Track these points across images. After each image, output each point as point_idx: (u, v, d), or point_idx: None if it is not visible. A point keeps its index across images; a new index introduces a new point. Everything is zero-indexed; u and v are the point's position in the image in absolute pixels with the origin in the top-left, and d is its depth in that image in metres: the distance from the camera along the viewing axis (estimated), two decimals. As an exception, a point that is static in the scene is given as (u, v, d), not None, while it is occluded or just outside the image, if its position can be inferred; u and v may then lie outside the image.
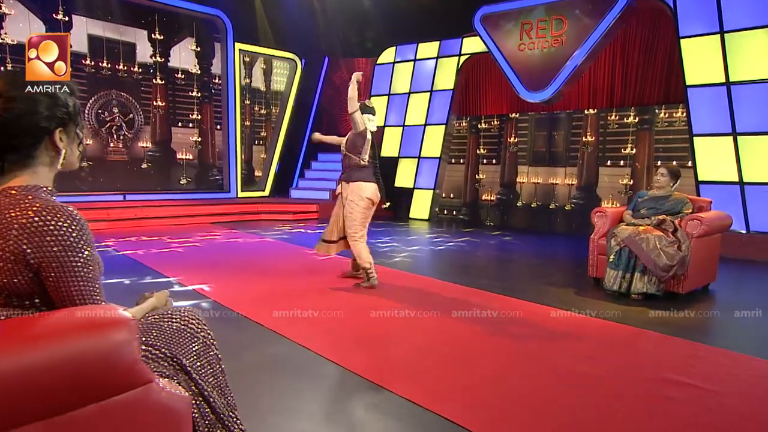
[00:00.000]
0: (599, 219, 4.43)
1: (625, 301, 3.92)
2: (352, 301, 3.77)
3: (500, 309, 3.65)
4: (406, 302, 3.76)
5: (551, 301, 3.87)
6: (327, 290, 4.07)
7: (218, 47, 9.56)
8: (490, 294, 4.08)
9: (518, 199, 8.83)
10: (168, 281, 4.28)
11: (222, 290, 3.97)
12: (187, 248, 5.89)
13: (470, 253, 6.04)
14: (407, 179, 9.66)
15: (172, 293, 3.32)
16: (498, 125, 9.09)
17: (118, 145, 8.58)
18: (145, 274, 4.50)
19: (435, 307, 3.63)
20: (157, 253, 5.54)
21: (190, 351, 1.43)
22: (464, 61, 9.08)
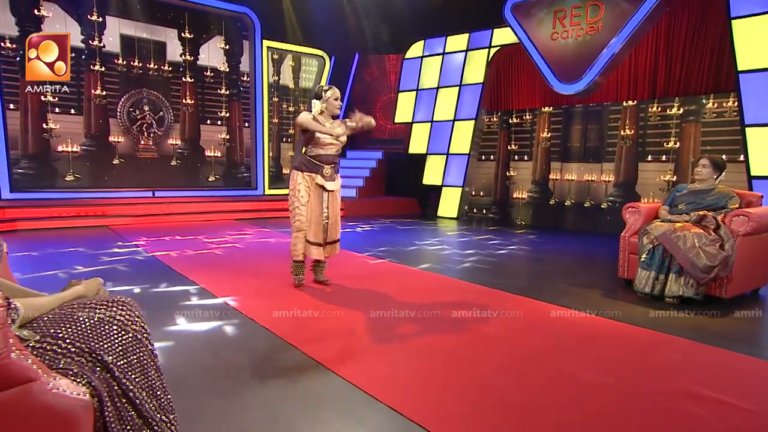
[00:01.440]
0: (631, 215, 4.06)
1: (657, 305, 3.55)
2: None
3: (512, 310, 3.37)
4: (418, 302, 3.54)
5: (572, 303, 3.55)
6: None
7: (247, 45, 9.60)
8: (505, 294, 3.79)
9: (551, 197, 8.40)
10: (195, 290, 3.70)
11: (260, 306, 3.31)
12: (225, 249, 5.45)
13: (496, 251, 5.73)
14: (435, 176, 9.40)
15: (199, 307, 3.20)
16: (530, 120, 8.69)
17: (148, 142, 8.73)
18: (169, 281, 3.94)
19: (444, 306, 3.40)
20: (193, 255, 5.06)
21: (113, 346, 1.27)
22: (494, 54, 8.73)
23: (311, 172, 3.72)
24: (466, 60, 9.07)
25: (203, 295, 3.62)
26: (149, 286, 3.81)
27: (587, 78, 7.12)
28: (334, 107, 3.77)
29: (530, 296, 3.72)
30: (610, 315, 3.30)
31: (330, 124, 3.73)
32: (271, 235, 6.58)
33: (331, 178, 3.75)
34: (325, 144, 3.70)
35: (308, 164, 3.73)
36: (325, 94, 3.77)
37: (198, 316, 3.12)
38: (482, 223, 8.69)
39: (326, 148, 3.72)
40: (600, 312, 3.35)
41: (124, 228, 6.84)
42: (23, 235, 6.11)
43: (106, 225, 6.97)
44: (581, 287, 4.09)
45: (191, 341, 2.72)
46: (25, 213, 6.55)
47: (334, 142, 3.73)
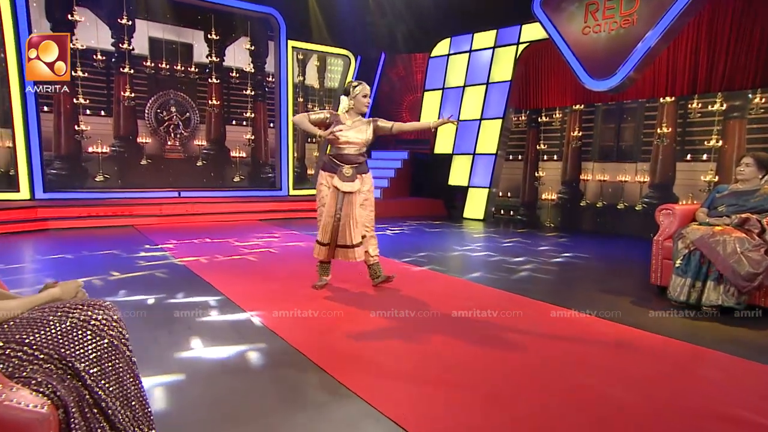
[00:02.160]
0: (665, 217, 3.82)
1: (694, 315, 3.31)
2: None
3: (531, 317, 3.20)
4: (436, 307, 3.40)
5: (598, 311, 3.34)
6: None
7: (272, 46, 9.65)
8: (526, 299, 3.61)
9: (582, 199, 8.09)
10: (220, 302, 3.36)
11: (295, 324, 2.94)
12: (259, 255, 5.14)
13: (520, 254, 5.52)
14: (461, 177, 9.22)
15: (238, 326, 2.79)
16: (560, 118, 8.41)
17: (175, 143, 8.88)
18: (197, 291, 3.59)
19: (461, 312, 3.25)
20: (225, 262, 4.73)
21: (86, 352, 1.20)
22: (523, 50, 8.49)
23: (331, 171, 3.62)
24: (494, 57, 8.85)
25: (229, 308, 3.32)
26: (170, 297, 3.67)
27: (621, 74, 6.82)
28: (361, 104, 3.63)
29: (552, 302, 3.53)
30: (641, 324, 3.09)
31: (352, 122, 3.61)
32: (301, 238, 6.41)
33: (350, 179, 3.56)
34: (342, 143, 3.58)
35: (329, 164, 3.64)
36: (354, 90, 3.63)
37: (221, 336, 2.79)
38: (510, 225, 8.46)
39: (344, 147, 3.60)
40: (630, 321, 3.14)
41: (150, 228, 6.94)
42: (54, 234, 6.27)
43: (132, 225, 7.10)
44: (610, 294, 3.87)
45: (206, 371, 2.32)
46: (55, 213, 6.74)
47: (352, 141, 3.60)
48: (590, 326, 3.07)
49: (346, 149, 3.59)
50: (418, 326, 2.98)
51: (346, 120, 3.61)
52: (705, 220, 3.65)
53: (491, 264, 5.04)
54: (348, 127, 3.58)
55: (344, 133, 3.56)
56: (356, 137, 3.60)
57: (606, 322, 3.14)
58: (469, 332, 2.91)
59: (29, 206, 6.64)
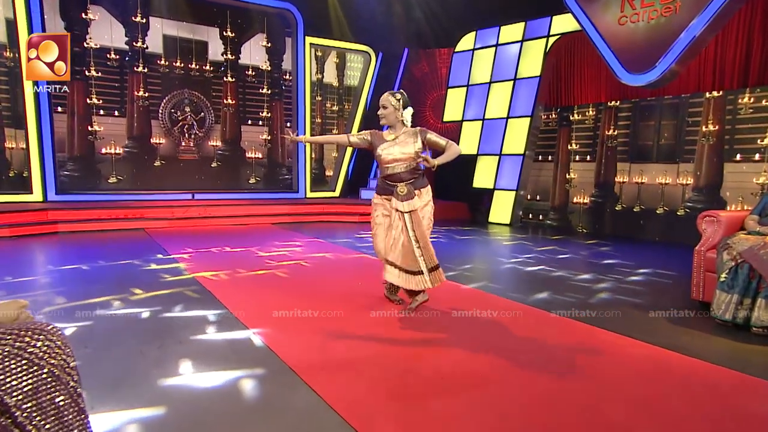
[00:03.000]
0: (708, 225, 3.51)
1: (741, 337, 3.00)
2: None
3: (553, 334, 2.96)
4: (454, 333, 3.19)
5: (630, 329, 3.07)
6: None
7: (289, 42, 9.61)
8: (546, 314, 3.36)
9: (617, 202, 7.73)
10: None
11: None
12: (289, 269, 4.59)
13: (539, 262, 5.25)
14: (487, 179, 8.96)
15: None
16: (594, 116, 8.06)
17: (189, 144, 8.92)
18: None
19: (471, 331, 3.04)
20: (250, 279, 4.19)
21: (20, 384, 1.07)
22: (553, 44, 8.19)
23: (385, 194, 3.36)
24: (522, 51, 8.57)
25: (231, 324, 3.29)
26: (167, 311, 3.65)
27: (661, 67, 6.45)
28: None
29: (574, 317, 3.27)
30: (679, 346, 2.81)
31: (395, 137, 3.33)
32: (326, 247, 5.94)
33: (408, 197, 3.25)
34: (389, 162, 3.30)
35: (382, 186, 3.38)
36: (401, 100, 3.39)
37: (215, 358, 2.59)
38: (538, 231, 8.15)
39: (392, 165, 3.30)
40: (665, 342, 2.86)
41: (162, 232, 6.91)
42: (64, 238, 6.32)
43: (144, 228, 7.11)
44: (644, 309, 3.58)
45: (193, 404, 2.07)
46: (65, 215, 6.81)
47: (399, 158, 3.28)
48: (618, 347, 2.81)
49: (395, 167, 3.30)
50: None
51: (389, 136, 3.36)
52: (755, 228, 3.33)
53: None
54: (390, 143, 3.32)
55: (388, 151, 3.30)
56: (402, 152, 3.29)
57: (637, 342, 2.88)
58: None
59: (39, 209, 6.72)
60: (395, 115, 3.34)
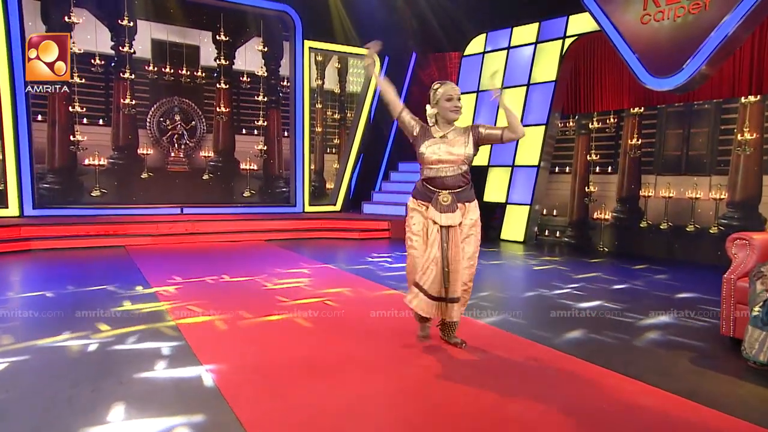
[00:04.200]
0: (740, 249, 3.14)
1: (786, 387, 2.63)
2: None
3: (550, 376, 2.60)
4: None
5: (645, 371, 2.70)
6: None
7: (287, 47, 9.45)
8: (545, 349, 3.01)
9: (642, 219, 7.33)
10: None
11: None
12: (315, 313, 3.79)
13: (545, 284, 4.89)
14: (498, 192, 8.62)
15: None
16: (615, 123, 7.71)
17: (179, 154, 8.75)
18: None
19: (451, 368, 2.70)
20: (261, 331, 3.35)
21: None
22: (570, 45, 7.88)
23: (423, 200, 3.02)
24: (536, 54, 8.27)
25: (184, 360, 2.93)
26: (119, 343, 3.41)
27: (689, 69, 6.10)
28: (447, 110, 2.99)
29: (585, 358, 2.91)
30: (701, 395, 2.43)
31: (443, 135, 3.00)
32: (342, 278, 5.14)
33: (450, 208, 2.93)
34: (433, 162, 2.97)
35: (421, 190, 3.04)
36: (435, 93, 3.04)
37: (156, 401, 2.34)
38: (555, 249, 7.78)
39: (436, 167, 2.97)
40: (685, 388, 2.49)
41: (145, 250, 6.67)
42: (37, 256, 6.12)
43: (125, 245, 6.90)
44: (666, 348, 3.20)
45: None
46: (40, 232, 6.63)
47: (445, 160, 2.95)
48: (627, 393, 2.45)
49: (440, 170, 2.96)
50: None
51: (436, 133, 3.02)
52: (801, 255, 2.97)
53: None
54: (437, 141, 2.98)
55: (432, 149, 2.96)
56: (450, 153, 2.95)
57: (651, 389, 2.51)
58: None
59: (10, 225, 6.55)
60: (433, 111, 3.02)
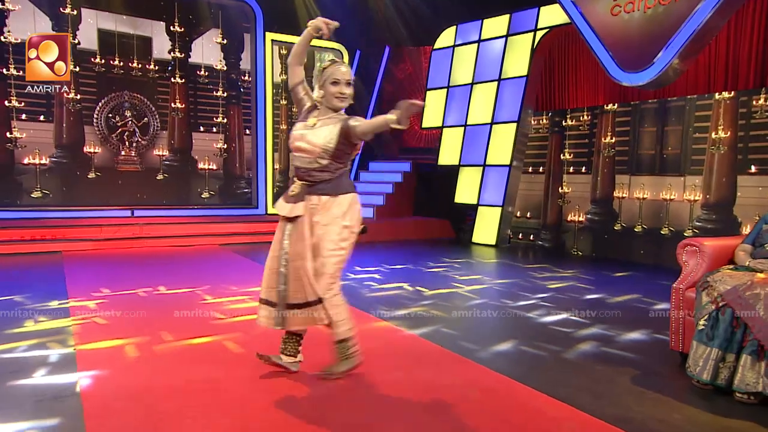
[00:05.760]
0: (690, 257, 3.05)
1: (722, 405, 2.52)
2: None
3: (463, 395, 2.47)
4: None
5: (577, 393, 2.58)
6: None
7: (248, 39, 9.29)
8: (469, 363, 2.88)
9: (616, 221, 7.25)
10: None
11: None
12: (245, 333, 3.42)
13: (505, 293, 4.78)
14: (470, 193, 8.53)
15: None
16: (589, 121, 7.64)
17: (130, 153, 8.56)
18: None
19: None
20: (177, 355, 3.06)
21: None
22: (542, 38, 7.81)
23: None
24: (507, 47, 8.19)
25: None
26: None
27: (660, 63, 6.04)
28: (331, 96, 2.67)
29: (509, 374, 2.79)
30: (638, 420, 2.33)
31: (316, 120, 2.69)
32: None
33: (294, 200, 2.68)
34: (294, 149, 2.72)
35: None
36: (321, 74, 2.71)
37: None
38: (529, 253, 7.69)
39: (297, 155, 2.72)
40: (617, 416, 2.38)
41: (83, 256, 6.47)
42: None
43: (61, 251, 6.70)
44: (607, 364, 3.09)
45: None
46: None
47: (302, 147, 2.66)
48: (548, 419, 2.33)
49: (298, 158, 2.71)
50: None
51: (312, 119, 2.71)
52: (745, 262, 2.87)
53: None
54: (306, 126, 2.69)
55: (296, 134, 2.70)
56: (309, 142, 2.65)
57: (578, 413, 2.39)
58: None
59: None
60: (319, 93, 2.72)
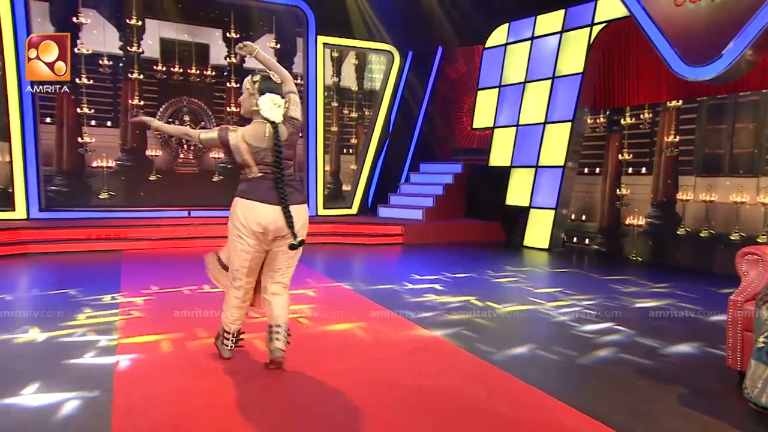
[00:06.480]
0: (751, 266, 2.72)
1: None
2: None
3: (501, 409, 2.28)
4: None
5: (624, 414, 2.33)
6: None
7: (300, 43, 9.36)
8: (503, 376, 2.68)
9: (679, 225, 6.75)
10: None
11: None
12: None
13: (548, 296, 4.49)
14: (521, 195, 8.21)
15: None
16: (650, 119, 7.16)
17: (188, 156, 8.82)
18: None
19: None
20: (205, 354, 3.13)
21: None
22: (599, 33, 7.39)
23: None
24: (561, 44, 7.81)
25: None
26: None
27: (730, 55, 5.56)
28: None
29: (536, 383, 2.57)
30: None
31: None
32: (356, 305, 4.35)
33: None
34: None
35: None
36: (255, 86, 2.97)
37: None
38: (583, 258, 7.30)
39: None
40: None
41: (141, 255, 6.69)
42: (32, 260, 6.25)
43: (122, 250, 6.96)
44: (650, 378, 2.80)
45: None
46: (37, 235, 6.77)
47: None
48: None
49: None
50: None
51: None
52: (821, 274, 2.52)
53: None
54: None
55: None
56: None
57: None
58: None
59: (8, 228, 6.72)
60: (250, 102, 2.92)
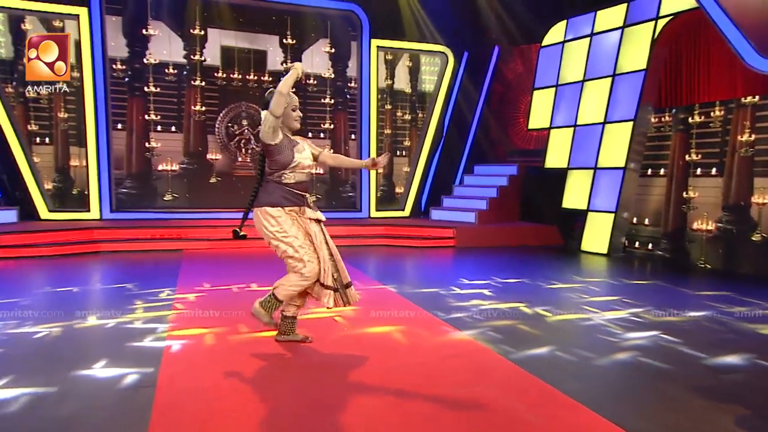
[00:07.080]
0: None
1: None
2: None
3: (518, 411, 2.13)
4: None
5: (659, 426, 2.14)
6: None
7: (354, 47, 9.41)
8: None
9: (754, 230, 6.22)
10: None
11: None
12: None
13: (600, 305, 4.22)
14: (579, 198, 7.86)
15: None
16: (721, 117, 6.65)
17: (246, 159, 9.06)
18: None
19: None
20: (244, 347, 3.26)
21: None
22: (664, 27, 6.94)
23: (293, 205, 3.25)
24: (623, 40, 7.39)
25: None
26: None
27: (811, 46, 5.07)
28: (292, 120, 3.33)
29: (575, 396, 2.39)
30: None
31: (298, 143, 3.36)
32: (410, 314, 4.15)
33: (314, 207, 3.37)
34: (306, 167, 3.32)
35: (286, 196, 3.23)
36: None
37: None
38: (646, 264, 6.89)
39: (306, 173, 3.34)
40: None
41: (199, 254, 6.93)
42: (103, 258, 6.61)
43: (183, 249, 7.24)
44: (706, 396, 2.55)
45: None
46: (108, 235, 7.14)
47: (309, 164, 3.34)
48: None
49: (308, 174, 3.33)
50: None
51: (294, 140, 3.33)
52: None
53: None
54: (300, 148, 3.29)
55: (303, 155, 3.27)
56: (308, 158, 3.31)
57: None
58: None
59: (83, 228, 7.15)
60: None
